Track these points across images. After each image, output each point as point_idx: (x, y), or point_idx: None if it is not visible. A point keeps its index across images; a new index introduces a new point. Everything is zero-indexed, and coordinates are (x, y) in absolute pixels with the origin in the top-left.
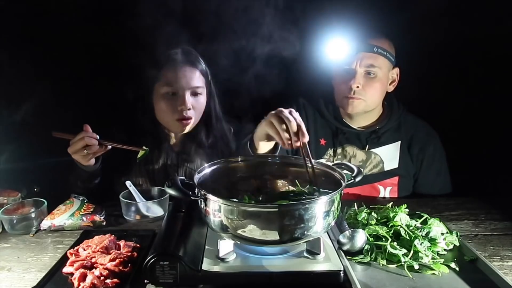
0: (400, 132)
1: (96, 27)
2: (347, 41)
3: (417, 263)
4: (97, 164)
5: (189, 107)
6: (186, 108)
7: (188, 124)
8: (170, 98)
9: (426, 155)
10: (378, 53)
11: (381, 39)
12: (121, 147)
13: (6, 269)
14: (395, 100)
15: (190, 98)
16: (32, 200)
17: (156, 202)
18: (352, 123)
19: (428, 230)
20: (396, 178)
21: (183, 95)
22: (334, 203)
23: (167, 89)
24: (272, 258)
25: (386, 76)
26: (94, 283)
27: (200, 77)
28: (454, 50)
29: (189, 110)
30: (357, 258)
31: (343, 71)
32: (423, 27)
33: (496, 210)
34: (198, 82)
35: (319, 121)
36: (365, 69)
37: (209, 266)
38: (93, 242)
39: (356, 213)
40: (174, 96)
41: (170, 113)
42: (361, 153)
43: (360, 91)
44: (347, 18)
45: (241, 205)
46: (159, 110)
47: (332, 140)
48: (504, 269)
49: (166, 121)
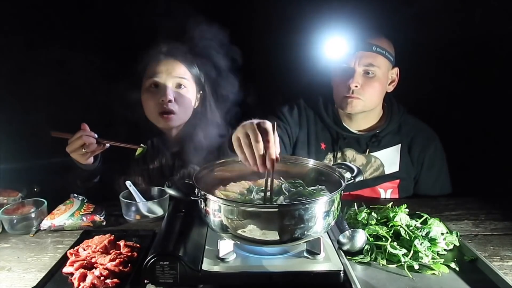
0: (400, 134)
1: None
2: (346, 40)
3: (417, 263)
4: (95, 162)
5: (170, 98)
6: (167, 100)
7: (171, 119)
8: (153, 90)
9: (426, 157)
10: (377, 52)
11: (381, 39)
12: (119, 145)
13: (6, 269)
14: (395, 102)
15: (172, 90)
16: (32, 200)
17: (156, 202)
18: (352, 126)
19: (428, 230)
20: (397, 181)
21: (164, 85)
22: (334, 203)
23: (150, 81)
24: (272, 258)
25: (385, 76)
26: (94, 283)
27: (185, 70)
28: (454, 50)
29: (171, 103)
30: (357, 258)
31: (342, 71)
32: (423, 26)
33: (496, 210)
34: (182, 74)
35: (319, 125)
36: (364, 68)
37: (209, 266)
38: (93, 242)
39: (356, 213)
40: (157, 88)
41: (153, 105)
42: (361, 157)
43: (358, 90)
44: (346, 17)
45: (241, 205)
46: (144, 104)
47: (332, 145)
48: (504, 269)
49: (152, 116)
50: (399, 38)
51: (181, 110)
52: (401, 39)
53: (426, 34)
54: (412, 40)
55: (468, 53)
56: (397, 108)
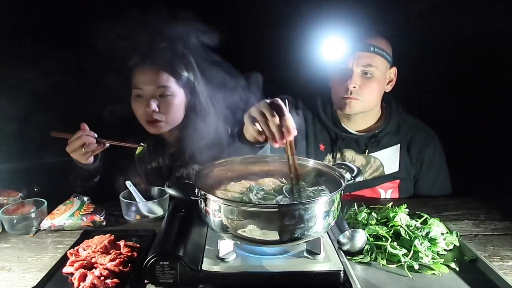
0: (399, 134)
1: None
2: (343, 40)
3: (417, 263)
4: (95, 162)
5: (154, 109)
6: (150, 111)
7: (158, 126)
8: (139, 100)
9: (425, 156)
10: (375, 53)
11: (378, 38)
12: (119, 144)
13: (6, 269)
14: (394, 101)
15: (155, 101)
16: (32, 200)
17: (156, 202)
18: (351, 126)
19: (428, 230)
20: (397, 181)
21: (147, 98)
22: (334, 203)
23: (135, 92)
24: (272, 258)
25: (383, 76)
26: (94, 283)
27: (167, 78)
28: (453, 49)
29: (155, 113)
30: (357, 258)
31: (340, 71)
32: (421, 26)
33: (496, 210)
34: (164, 82)
35: (318, 126)
36: (362, 68)
37: (209, 266)
38: (93, 242)
39: (356, 213)
40: (142, 98)
41: (141, 114)
42: (360, 157)
43: (357, 91)
44: (344, 17)
45: (241, 205)
46: (134, 112)
47: (331, 146)
48: (504, 269)
49: (142, 122)
50: (397, 38)
51: (168, 117)
52: (399, 38)
53: (425, 33)
54: (411, 39)
55: (467, 52)
56: (396, 108)
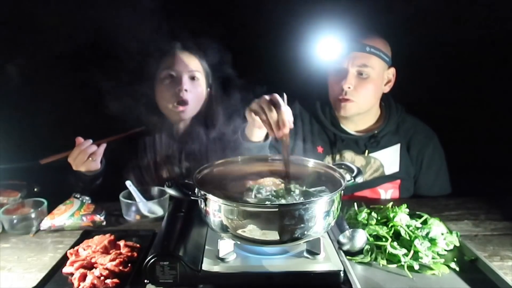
0: (399, 134)
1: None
2: (339, 40)
3: (417, 263)
4: (101, 164)
5: (186, 88)
6: (183, 89)
7: (185, 111)
8: (169, 81)
9: (425, 156)
10: (370, 53)
11: (376, 39)
12: (118, 138)
13: (6, 269)
14: (393, 101)
15: (188, 80)
16: (32, 200)
17: (156, 202)
18: (350, 127)
19: (428, 230)
20: (398, 182)
21: (180, 76)
22: (334, 203)
23: (166, 73)
24: (272, 258)
25: (380, 77)
26: (94, 283)
27: (198, 64)
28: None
29: (186, 92)
30: (357, 258)
31: (336, 72)
32: (420, 26)
33: (496, 210)
34: (196, 67)
35: (316, 128)
36: (357, 69)
37: (209, 266)
38: (93, 242)
39: (356, 213)
40: (173, 79)
41: (170, 96)
42: (360, 158)
43: (352, 92)
44: (340, 17)
45: (241, 205)
46: (159, 95)
47: (330, 147)
48: (504, 269)
49: (166, 106)
50: (396, 38)
51: (194, 101)
52: (399, 39)
53: (424, 33)
54: (410, 39)
55: (467, 52)
56: (395, 108)
